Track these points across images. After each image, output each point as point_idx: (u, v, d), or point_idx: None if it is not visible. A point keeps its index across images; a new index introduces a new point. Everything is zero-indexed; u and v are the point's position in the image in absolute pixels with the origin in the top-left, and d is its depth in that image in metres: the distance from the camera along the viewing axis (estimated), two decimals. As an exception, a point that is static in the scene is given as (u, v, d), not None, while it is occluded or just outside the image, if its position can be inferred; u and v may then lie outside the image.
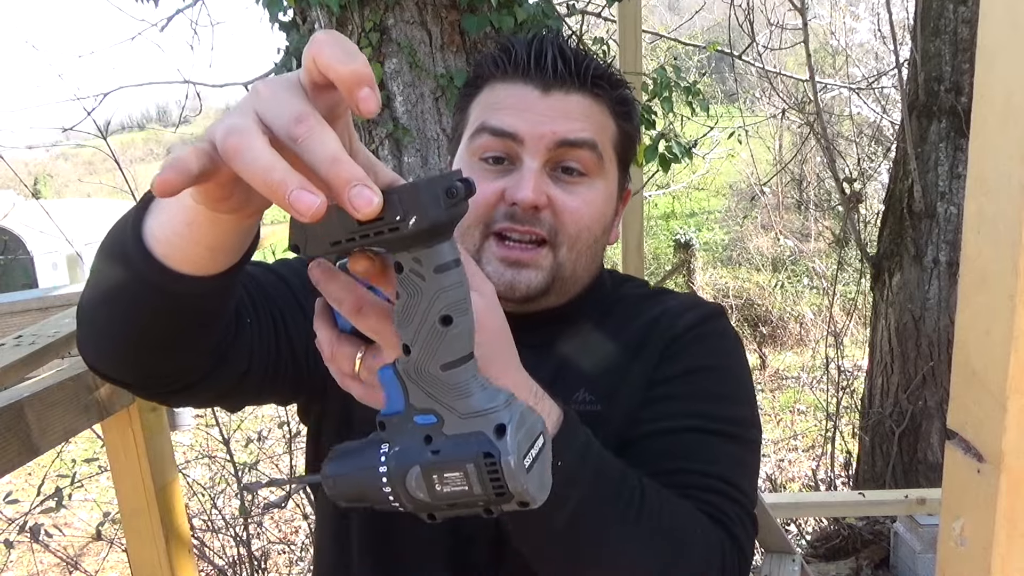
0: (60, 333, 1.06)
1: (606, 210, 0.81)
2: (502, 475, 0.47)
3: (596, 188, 0.80)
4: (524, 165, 0.77)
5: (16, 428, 1.07)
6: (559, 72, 0.77)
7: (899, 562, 3.29)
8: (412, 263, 0.47)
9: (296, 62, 2.41)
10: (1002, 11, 0.47)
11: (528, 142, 0.77)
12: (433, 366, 0.49)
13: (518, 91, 0.79)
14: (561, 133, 0.77)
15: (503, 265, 0.77)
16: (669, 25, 8.92)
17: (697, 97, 2.70)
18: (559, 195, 0.77)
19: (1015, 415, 0.48)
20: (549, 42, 0.79)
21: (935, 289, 3.55)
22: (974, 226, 0.51)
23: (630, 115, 0.84)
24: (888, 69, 6.70)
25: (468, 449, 0.48)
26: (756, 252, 10.87)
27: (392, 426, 0.51)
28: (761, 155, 10.26)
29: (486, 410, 0.49)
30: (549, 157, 0.77)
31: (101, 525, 3.69)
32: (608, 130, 0.81)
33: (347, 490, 0.53)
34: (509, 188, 0.76)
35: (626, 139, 0.84)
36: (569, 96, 0.78)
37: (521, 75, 0.79)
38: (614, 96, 0.82)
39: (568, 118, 0.78)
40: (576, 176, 0.79)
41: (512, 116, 0.77)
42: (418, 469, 0.49)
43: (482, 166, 0.79)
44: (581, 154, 0.78)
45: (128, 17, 3.34)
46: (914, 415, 3.67)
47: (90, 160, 17.98)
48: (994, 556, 0.50)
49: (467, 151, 0.80)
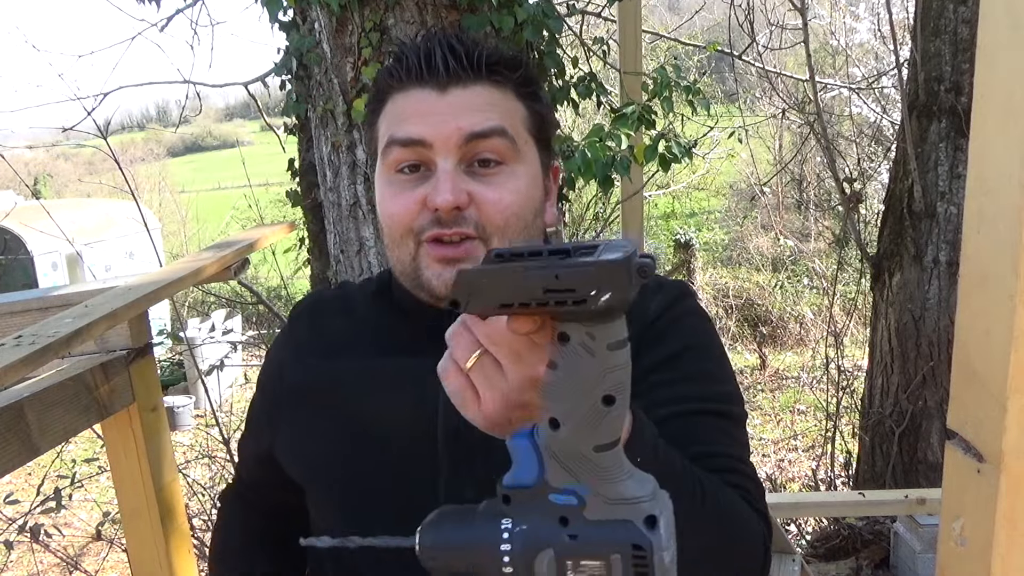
0: (60, 333, 1.06)
1: (532, 193, 0.81)
2: (652, 570, 0.44)
3: (516, 174, 0.79)
4: (439, 168, 0.77)
5: (16, 428, 1.07)
6: (452, 69, 0.78)
7: (899, 562, 3.29)
8: (584, 336, 0.44)
9: (296, 62, 2.41)
10: (1002, 11, 0.47)
11: (437, 144, 0.77)
12: (585, 446, 0.45)
13: (417, 96, 0.79)
14: (466, 127, 0.77)
15: (440, 265, 0.77)
16: (669, 25, 8.91)
17: (698, 96, 2.69)
18: (478, 189, 0.77)
19: (1015, 415, 0.48)
20: (437, 41, 0.79)
21: (935, 289, 3.55)
22: (974, 226, 0.51)
23: (536, 94, 0.84)
24: (888, 69, 6.70)
25: (615, 537, 0.45)
26: (756, 252, 10.87)
27: (520, 500, 0.47)
28: (761, 155, 10.27)
29: (637, 498, 0.46)
30: (461, 155, 0.77)
31: (101, 525, 3.69)
32: (517, 113, 0.81)
33: (454, 563, 0.49)
34: (429, 195, 0.76)
35: (538, 118, 0.84)
36: (468, 89, 0.78)
37: (416, 80, 0.79)
38: (515, 78, 0.81)
39: (471, 111, 0.77)
40: (493, 167, 0.78)
41: (416, 123, 0.78)
42: (551, 553, 0.46)
43: (399, 178, 0.79)
44: (492, 143, 0.78)
45: (128, 17, 3.33)
46: (914, 415, 3.67)
47: (90, 160, 17.96)
48: (994, 556, 0.50)
49: (383, 168, 0.81)
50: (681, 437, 0.71)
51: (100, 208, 10.64)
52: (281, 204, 8.05)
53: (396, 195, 0.79)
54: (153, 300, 1.31)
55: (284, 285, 6.06)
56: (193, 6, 3.37)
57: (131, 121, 15.79)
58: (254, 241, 1.76)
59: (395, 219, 0.79)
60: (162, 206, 15.81)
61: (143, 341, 1.38)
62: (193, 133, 32.63)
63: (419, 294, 0.81)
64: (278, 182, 4.51)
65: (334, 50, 2.27)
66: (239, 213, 10.78)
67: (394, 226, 0.79)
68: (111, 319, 1.18)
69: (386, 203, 0.80)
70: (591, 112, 6.56)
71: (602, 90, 2.67)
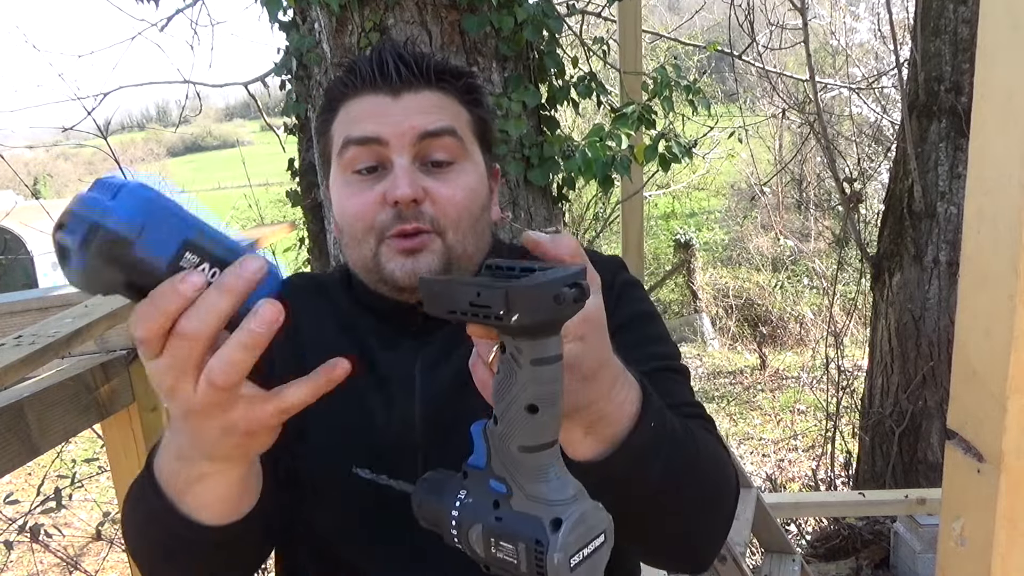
0: (60, 333, 1.06)
1: (480, 190, 0.87)
2: (546, 567, 0.50)
3: (466, 171, 0.85)
4: (395, 165, 0.81)
5: (16, 428, 1.07)
6: (403, 75, 0.82)
7: (899, 562, 3.29)
8: (514, 348, 0.50)
9: (296, 62, 2.41)
10: (1002, 11, 0.47)
11: (392, 141, 0.81)
12: (513, 445, 0.52)
13: (370, 101, 0.83)
14: (420, 126, 0.81)
15: (401, 256, 0.81)
16: (669, 25, 8.91)
17: (698, 96, 2.69)
18: (433, 185, 0.82)
19: (1015, 415, 0.48)
20: (388, 51, 0.84)
21: (935, 289, 3.56)
22: (974, 226, 0.51)
23: (479, 101, 0.90)
24: (888, 69, 6.70)
25: (525, 529, 0.51)
26: (756, 252, 10.87)
27: (472, 478, 0.55)
28: (761, 155, 10.27)
29: (551, 501, 0.51)
30: (416, 152, 0.82)
31: (101, 525, 3.70)
32: (462, 117, 0.87)
33: (428, 516, 0.58)
34: (388, 190, 0.80)
35: (481, 123, 0.89)
36: (419, 94, 0.83)
37: (370, 87, 0.83)
38: (459, 86, 0.87)
39: (423, 112, 0.83)
40: (445, 166, 0.84)
41: (371, 123, 0.82)
42: (480, 527, 0.53)
43: (357, 178, 0.83)
44: (444, 142, 0.83)
45: (128, 17, 3.34)
46: (914, 415, 3.67)
47: (90, 160, 17.97)
48: (994, 556, 0.50)
49: (338, 169, 0.85)
50: (659, 393, 0.79)
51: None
52: (281, 204, 8.05)
53: (355, 195, 0.83)
54: (153, 300, 1.30)
55: (284, 285, 6.05)
56: (193, 6, 3.37)
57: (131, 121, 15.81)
58: (254, 241, 1.76)
59: (356, 217, 0.82)
60: (162, 206, 15.79)
61: (143, 341, 1.38)
62: (193, 133, 32.67)
63: (380, 288, 0.85)
64: (278, 182, 4.52)
65: (334, 50, 2.27)
66: (239, 213, 10.78)
67: (356, 224, 0.83)
68: (111, 319, 1.18)
69: (344, 203, 0.84)
70: (591, 112, 6.56)
71: (602, 90, 2.67)
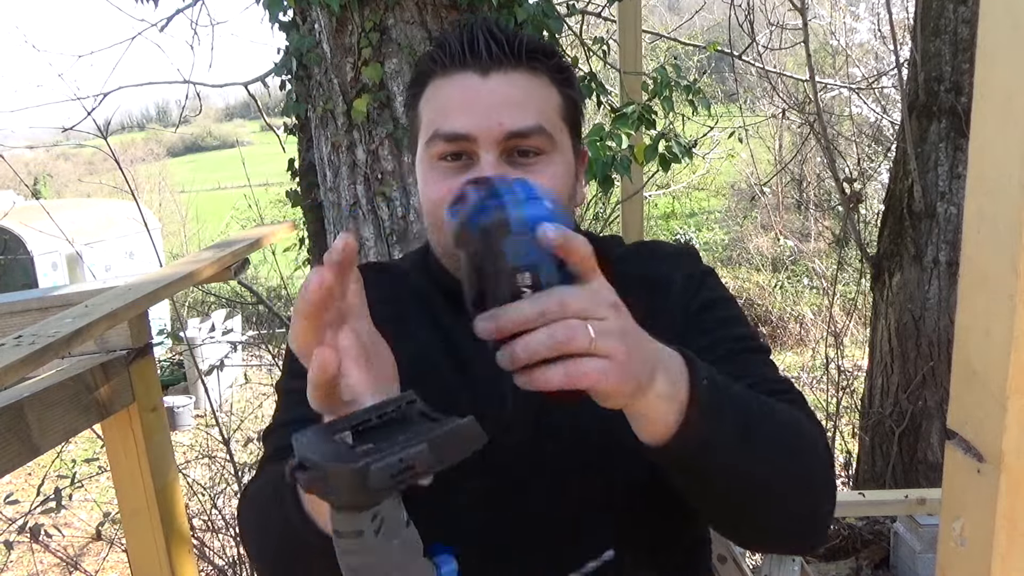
0: (60, 333, 1.06)
1: (567, 179, 0.86)
2: None
3: (553, 162, 0.83)
4: (481, 159, 0.81)
5: (16, 428, 1.07)
6: (494, 54, 0.81)
7: (899, 562, 3.29)
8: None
9: (296, 62, 2.41)
10: (1002, 11, 0.47)
11: (480, 139, 0.80)
12: None
13: (459, 81, 0.82)
14: (508, 125, 0.80)
15: None
16: (669, 25, 8.91)
17: (698, 96, 2.69)
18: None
19: (1015, 415, 0.48)
20: (479, 28, 0.82)
21: (935, 289, 3.55)
22: (974, 226, 0.51)
23: (570, 81, 0.88)
24: (888, 69, 6.70)
25: None
26: (756, 252, 10.87)
27: None
28: (761, 155, 10.27)
29: None
30: (502, 148, 0.81)
31: (101, 525, 3.69)
32: (552, 100, 0.85)
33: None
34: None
35: (571, 105, 0.88)
36: (508, 76, 0.82)
37: (459, 65, 0.82)
38: (551, 66, 0.85)
39: (511, 105, 0.81)
40: (532, 157, 0.82)
41: (460, 116, 0.81)
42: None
43: (442, 165, 0.83)
44: (532, 139, 0.82)
45: (128, 17, 3.34)
46: (914, 415, 3.67)
47: (90, 160, 17.96)
48: (994, 556, 0.50)
49: (425, 155, 0.85)
50: (741, 372, 0.80)
51: (100, 208, 10.64)
52: (281, 204, 8.04)
53: (439, 180, 0.82)
54: (153, 300, 1.31)
55: (284, 285, 6.05)
56: (193, 6, 3.37)
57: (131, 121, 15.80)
58: (254, 241, 1.76)
59: (437, 204, 0.81)
60: (162, 206, 15.82)
61: (143, 341, 1.38)
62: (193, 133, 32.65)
63: (458, 274, 0.83)
64: (278, 182, 4.51)
65: (334, 50, 2.27)
66: (239, 213, 10.78)
67: (437, 211, 0.82)
68: (111, 319, 1.18)
69: (429, 189, 0.84)
70: (591, 112, 6.56)
71: (602, 90, 2.67)
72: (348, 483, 0.46)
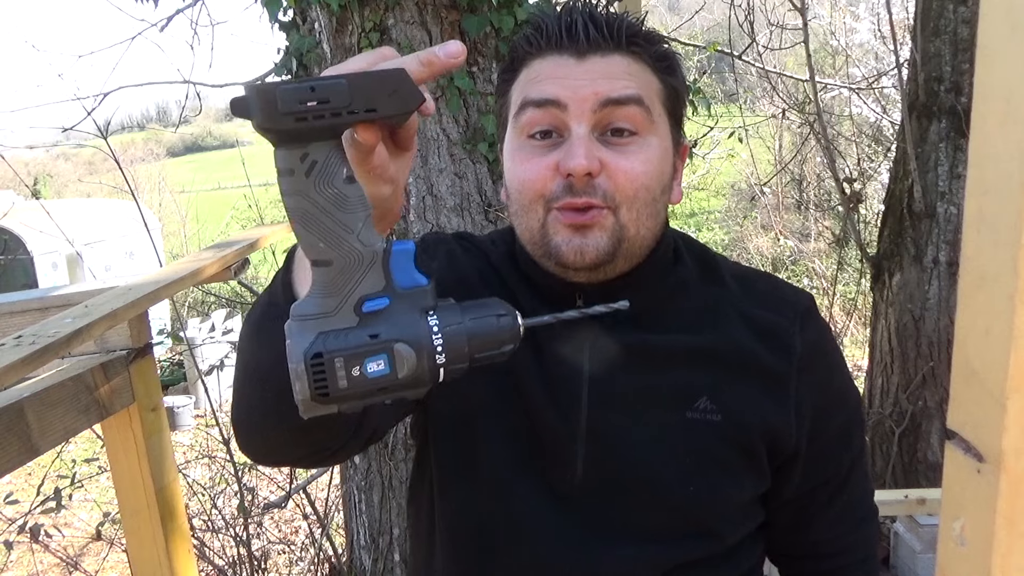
0: (60, 333, 1.06)
1: (663, 168, 0.79)
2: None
3: (650, 145, 0.78)
4: (572, 133, 0.75)
5: (16, 428, 1.07)
6: (592, 37, 0.76)
7: (899, 562, 3.29)
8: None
9: (296, 62, 2.41)
10: (1002, 11, 0.47)
11: (572, 107, 0.75)
12: None
13: (554, 61, 0.78)
14: (604, 92, 0.75)
15: (570, 232, 0.76)
16: (669, 25, 8.91)
17: (698, 96, 2.69)
18: (611, 158, 0.76)
19: (1015, 415, 0.48)
20: (578, 11, 0.78)
21: (935, 289, 3.55)
22: (974, 226, 0.51)
23: (673, 69, 0.82)
24: (888, 69, 6.70)
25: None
26: (756, 252, 10.86)
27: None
28: (761, 155, 10.25)
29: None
30: (596, 120, 0.76)
31: (101, 525, 3.69)
32: (652, 85, 0.79)
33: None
34: (562, 160, 0.75)
35: (673, 93, 0.82)
36: (607, 58, 0.77)
37: (555, 48, 0.78)
38: (653, 52, 0.80)
39: (609, 77, 0.76)
40: (627, 136, 0.77)
41: (552, 84, 0.76)
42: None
43: (531, 143, 0.78)
44: (629, 111, 0.76)
45: (128, 17, 3.34)
46: (914, 415, 3.67)
47: (90, 160, 17.95)
48: (994, 556, 0.50)
49: (514, 132, 0.80)
50: (838, 492, 0.87)
51: (100, 208, 10.64)
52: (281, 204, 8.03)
53: (527, 160, 0.77)
54: (153, 300, 1.31)
55: (284, 285, 6.05)
56: (193, 6, 3.37)
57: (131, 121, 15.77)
58: (254, 241, 1.76)
59: (526, 184, 0.77)
60: (162, 206, 15.80)
61: (143, 341, 1.38)
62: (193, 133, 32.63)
63: (546, 264, 0.80)
64: (278, 182, 4.51)
65: (334, 50, 2.27)
66: (239, 213, 10.77)
67: (525, 191, 0.78)
68: (111, 319, 1.18)
69: (517, 168, 0.78)
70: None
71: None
72: (261, 101, 0.49)
